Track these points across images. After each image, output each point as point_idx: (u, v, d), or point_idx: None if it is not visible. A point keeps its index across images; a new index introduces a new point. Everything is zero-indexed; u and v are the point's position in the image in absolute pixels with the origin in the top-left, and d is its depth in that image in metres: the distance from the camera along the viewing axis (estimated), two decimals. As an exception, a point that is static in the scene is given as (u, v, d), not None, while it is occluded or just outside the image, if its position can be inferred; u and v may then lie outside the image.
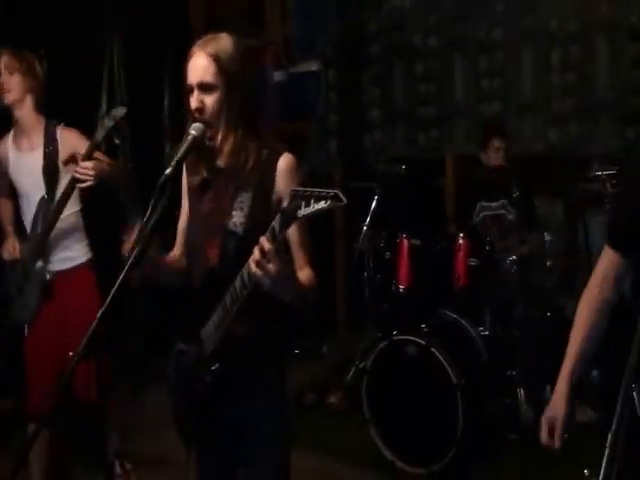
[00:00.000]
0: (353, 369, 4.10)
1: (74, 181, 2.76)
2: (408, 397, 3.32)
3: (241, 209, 1.83)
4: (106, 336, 3.01)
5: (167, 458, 3.47)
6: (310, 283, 1.85)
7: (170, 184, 1.59)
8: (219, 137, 1.84)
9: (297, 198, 1.55)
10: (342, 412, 3.95)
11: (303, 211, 1.54)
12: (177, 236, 2.11)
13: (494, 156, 4.13)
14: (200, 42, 1.85)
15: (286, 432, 2.00)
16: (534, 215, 4.03)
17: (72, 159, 2.82)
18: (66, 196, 2.83)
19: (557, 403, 1.74)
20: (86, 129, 3.20)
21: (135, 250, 1.60)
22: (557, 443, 1.71)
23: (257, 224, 1.79)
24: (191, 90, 1.84)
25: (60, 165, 2.90)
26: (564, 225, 4.75)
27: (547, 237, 3.70)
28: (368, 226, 3.90)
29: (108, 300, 1.51)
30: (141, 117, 2.92)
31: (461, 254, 3.66)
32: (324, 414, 3.96)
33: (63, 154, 2.89)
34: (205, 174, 1.91)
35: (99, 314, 1.49)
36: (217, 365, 1.86)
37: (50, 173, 2.89)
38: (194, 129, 1.77)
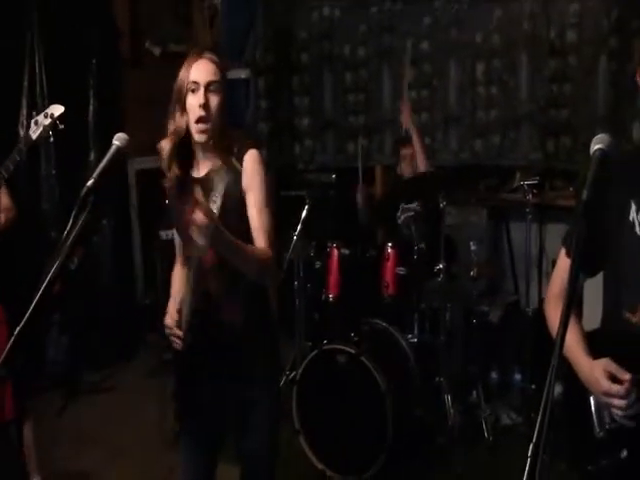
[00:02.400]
0: (283, 379, 4.08)
1: None
2: (338, 406, 3.32)
3: (214, 202, 1.85)
4: (26, 353, 2.94)
5: (88, 472, 3.39)
6: (264, 255, 1.97)
7: (92, 196, 1.54)
8: (216, 135, 1.98)
9: None
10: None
11: None
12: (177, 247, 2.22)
13: (405, 167, 4.19)
14: (201, 51, 2.00)
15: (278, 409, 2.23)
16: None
17: None
18: None
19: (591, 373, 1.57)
20: (4, 132, 3.11)
21: (55, 264, 1.54)
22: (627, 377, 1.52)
23: (230, 214, 1.91)
24: (195, 88, 1.96)
25: None
26: (488, 234, 4.89)
27: (472, 246, 3.79)
28: (298, 235, 3.89)
29: (27, 316, 1.44)
30: (64, 122, 2.83)
31: (389, 263, 3.71)
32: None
33: None
34: (188, 175, 2.03)
35: (16, 331, 1.42)
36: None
37: None
38: (118, 139, 1.73)
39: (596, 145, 1.39)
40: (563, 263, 1.76)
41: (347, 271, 3.77)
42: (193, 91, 1.96)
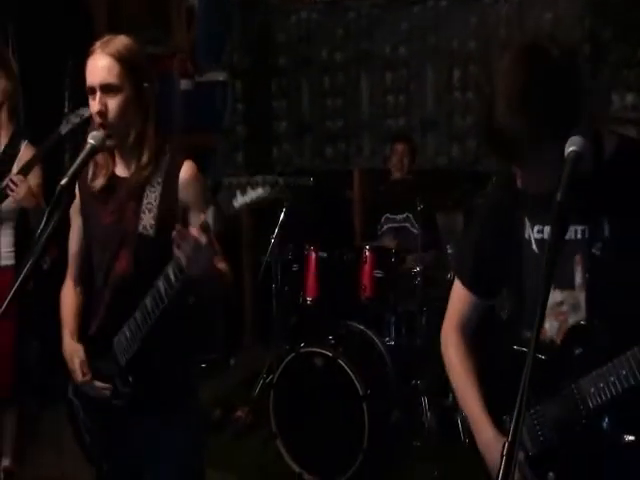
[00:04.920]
0: (260, 382, 4.07)
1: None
2: (315, 409, 3.33)
3: (149, 210, 1.77)
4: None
5: (68, 478, 3.33)
6: (228, 273, 1.81)
7: (66, 194, 1.52)
8: (124, 141, 1.80)
9: (231, 187, 1.44)
10: (249, 426, 3.91)
11: (240, 200, 1.43)
12: (70, 261, 2.01)
13: (396, 162, 4.23)
14: (100, 42, 1.78)
15: (198, 447, 1.97)
16: (435, 230, 4.14)
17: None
18: None
19: (497, 443, 1.41)
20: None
21: (30, 261, 1.52)
22: None
23: (167, 225, 1.72)
24: (92, 92, 1.77)
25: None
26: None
27: (449, 249, 3.82)
28: (276, 238, 3.89)
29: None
30: (39, 122, 2.80)
31: (367, 266, 3.72)
32: (231, 429, 3.90)
33: (19, 166, 2.95)
34: (104, 182, 1.86)
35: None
36: (132, 378, 1.80)
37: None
38: (93, 138, 1.71)
39: (570, 147, 1.39)
40: (458, 292, 1.72)
41: (325, 274, 3.77)
42: (92, 93, 1.76)
